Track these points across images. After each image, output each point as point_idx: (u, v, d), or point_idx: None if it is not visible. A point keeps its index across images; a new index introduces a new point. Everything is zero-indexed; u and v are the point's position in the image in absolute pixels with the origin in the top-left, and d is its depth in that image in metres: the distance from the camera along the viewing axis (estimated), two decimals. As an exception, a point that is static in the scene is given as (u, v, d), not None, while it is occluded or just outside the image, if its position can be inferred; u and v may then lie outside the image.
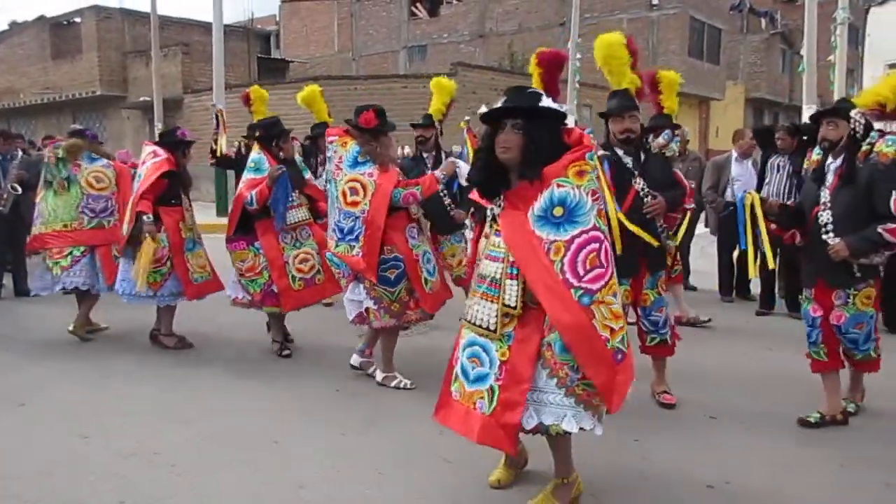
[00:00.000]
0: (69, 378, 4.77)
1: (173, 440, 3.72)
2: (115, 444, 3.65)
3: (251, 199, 4.95)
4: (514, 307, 2.77)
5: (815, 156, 4.03)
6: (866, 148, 3.73)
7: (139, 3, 27.21)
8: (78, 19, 23.82)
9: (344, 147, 4.46)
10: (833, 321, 3.85)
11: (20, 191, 6.93)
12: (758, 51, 30.52)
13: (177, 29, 23.57)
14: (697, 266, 8.02)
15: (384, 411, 4.17)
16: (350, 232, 4.39)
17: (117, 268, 5.50)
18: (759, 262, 6.73)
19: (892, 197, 3.61)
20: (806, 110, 9.36)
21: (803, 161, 6.31)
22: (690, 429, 3.94)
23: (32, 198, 5.99)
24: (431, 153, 6.01)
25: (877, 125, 3.83)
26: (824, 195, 3.83)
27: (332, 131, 4.64)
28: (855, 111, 3.77)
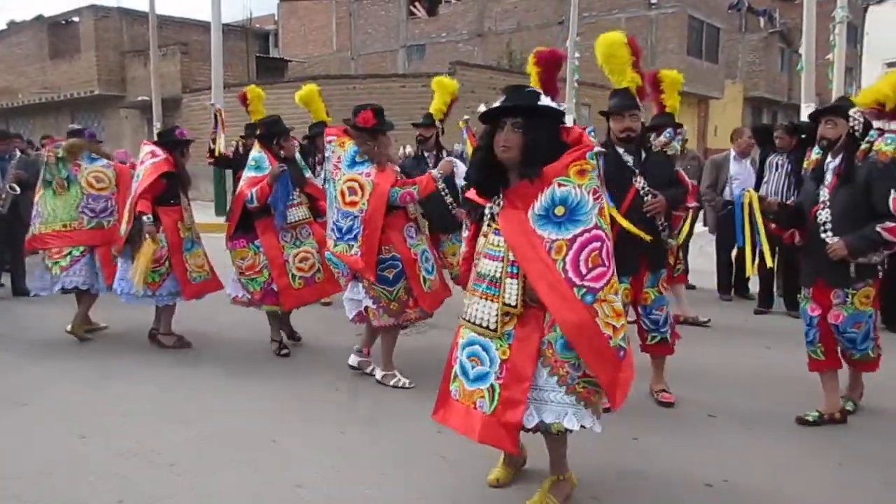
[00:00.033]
0: (69, 378, 4.77)
1: (172, 440, 3.72)
2: (115, 444, 3.66)
3: (252, 196, 4.95)
4: (515, 306, 2.77)
5: (815, 155, 4.02)
6: (865, 146, 3.71)
7: (137, 3, 27.27)
8: (76, 19, 23.76)
9: (342, 147, 4.47)
10: (831, 320, 3.85)
11: (18, 190, 6.93)
12: (756, 49, 30.52)
13: (175, 28, 23.54)
14: (696, 265, 8.02)
15: (383, 410, 4.17)
16: (348, 231, 4.41)
17: (117, 268, 5.50)
18: (757, 260, 6.80)
19: (891, 196, 3.59)
20: (804, 109, 9.35)
21: (802, 160, 6.31)
22: (689, 427, 3.95)
23: (31, 197, 5.98)
24: (433, 152, 6.02)
25: (876, 123, 3.80)
26: (823, 194, 3.82)
27: (330, 131, 4.65)
28: (854, 109, 3.76)
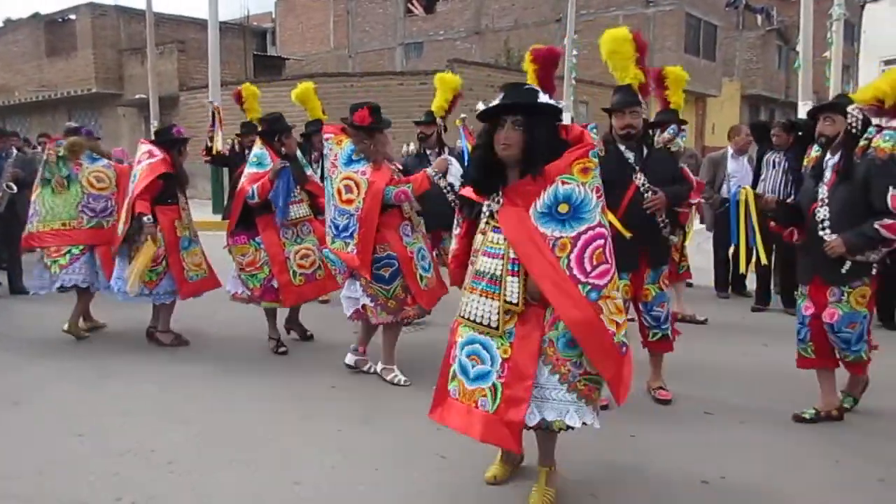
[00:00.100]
0: (66, 377, 4.76)
1: (171, 439, 3.72)
2: (113, 443, 3.65)
3: (253, 193, 4.96)
4: (517, 304, 2.76)
5: (815, 152, 4.01)
6: (864, 143, 3.69)
7: (134, 1, 27.15)
8: (73, 16, 23.68)
9: (339, 145, 4.50)
10: (826, 319, 3.82)
11: (16, 189, 6.91)
12: (754, 47, 30.54)
13: (172, 26, 23.48)
14: (693, 262, 7.96)
15: (381, 408, 4.18)
16: (345, 229, 4.43)
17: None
18: (754, 257, 6.81)
19: (890, 192, 3.58)
20: (802, 107, 9.39)
21: (799, 157, 6.31)
22: (686, 425, 3.95)
23: (28, 196, 5.97)
24: (435, 150, 6.01)
25: (875, 120, 3.77)
26: (822, 191, 3.81)
27: (328, 129, 4.66)
28: (852, 106, 3.74)
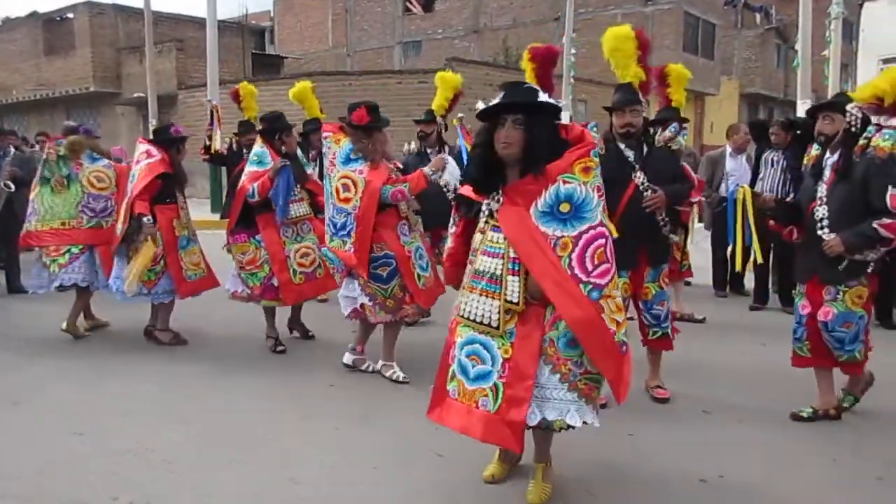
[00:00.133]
0: (65, 377, 4.76)
1: (169, 438, 3.72)
2: (112, 443, 3.65)
3: (253, 191, 4.96)
4: (517, 303, 2.76)
5: (814, 151, 3.99)
6: (863, 142, 3.67)
7: (132, -1, 27.06)
8: (71, 15, 23.66)
9: (337, 143, 4.51)
10: (821, 317, 3.79)
11: (13, 188, 6.89)
12: (752, 46, 30.56)
13: (171, 25, 23.45)
14: (692, 261, 8.01)
15: (379, 407, 4.17)
16: (342, 227, 4.45)
17: None
18: (752, 257, 6.81)
19: (888, 192, 3.56)
20: (800, 105, 9.41)
21: (797, 156, 6.31)
22: (684, 423, 3.96)
23: (26, 194, 5.96)
24: (435, 148, 6.01)
25: (874, 119, 3.74)
26: (821, 190, 3.80)
27: (327, 127, 4.68)
28: (851, 105, 3.72)
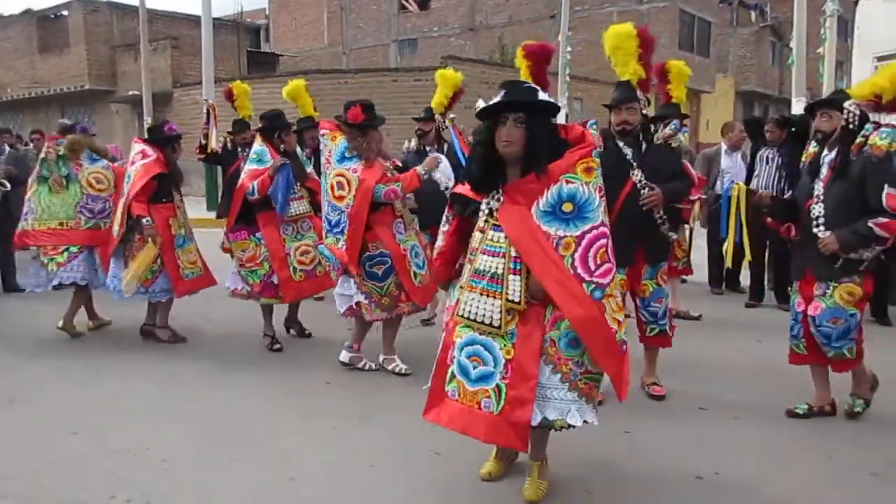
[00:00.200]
0: (64, 376, 4.75)
1: (165, 436, 3.72)
2: (111, 442, 3.65)
3: (253, 189, 4.97)
4: (519, 302, 2.76)
5: (812, 148, 3.98)
6: (860, 140, 3.65)
7: (127, -3, 26.94)
8: (65, 12, 23.58)
9: (334, 141, 4.53)
10: (810, 312, 3.78)
11: (9, 187, 6.86)
12: (748, 43, 30.58)
13: (166, 22, 23.40)
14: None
15: (376, 405, 4.18)
16: (336, 225, 4.47)
17: None
18: (748, 253, 6.83)
19: (885, 191, 3.54)
20: (795, 103, 9.41)
21: (792, 153, 6.33)
22: (680, 420, 3.97)
23: (21, 193, 5.94)
24: (433, 146, 6.01)
25: (872, 117, 3.73)
26: (818, 188, 3.78)
27: (324, 125, 4.68)
28: (849, 102, 3.70)
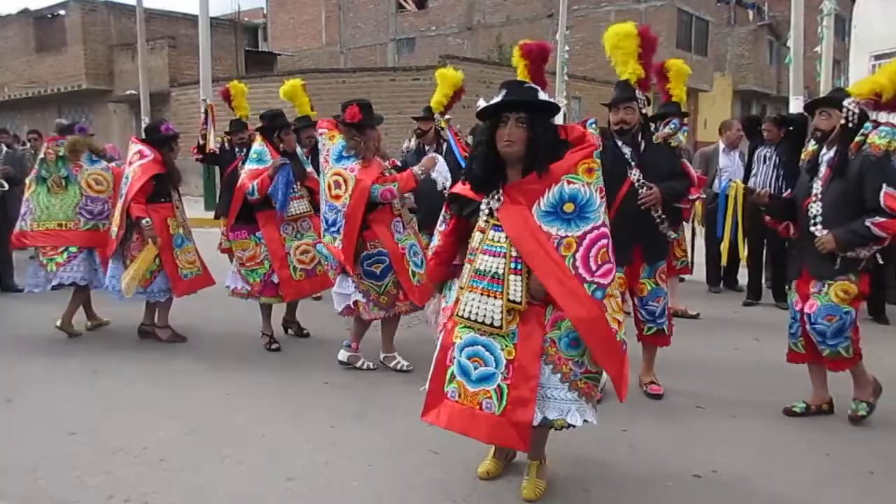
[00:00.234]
0: (57, 375, 4.74)
1: (162, 436, 3.71)
2: (104, 441, 3.64)
3: (252, 189, 4.96)
4: (520, 303, 2.76)
5: (811, 147, 3.97)
6: (859, 139, 3.64)
7: (124, -4, 26.91)
8: (62, 12, 23.54)
9: (332, 140, 4.54)
10: (806, 310, 3.78)
11: (6, 186, 6.85)
12: (745, 42, 30.59)
13: (163, 22, 23.37)
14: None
15: (373, 404, 4.18)
16: (333, 224, 4.49)
17: None
18: (746, 251, 6.85)
19: (882, 190, 3.53)
20: (793, 101, 9.41)
21: (789, 152, 6.34)
22: (678, 419, 3.97)
23: (18, 193, 5.92)
24: (432, 146, 6.01)
25: (871, 115, 3.71)
26: (816, 187, 3.77)
27: (322, 123, 4.69)
28: (849, 100, 3.68)
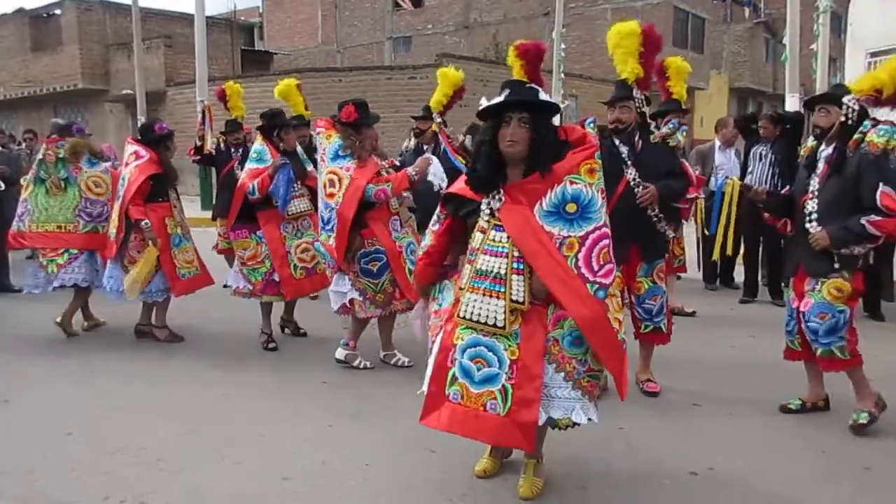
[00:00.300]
0: (54, 374, 4.74)
1: (159, 435, 3.71)
2: (102, 441, 3.64)
3: (253, 188, 4.97)
4: (523, 302, 2.76)
5: (810, 143, 3.97)
6: (858, 137, 3.62)
7: (120, -5, 26.84)
8: (58, 11, 23.45)
9: (328, 139, 4.55)
10: (801, 308, 3.77)
11: (3, 186, 6.83)
12: (741, 40, 30.61)
13: (159, 21, 23.29)
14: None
15: (371, 403, 4.18)
16: (328, 222, 4.51)
17: None
18: (741, 249, 6.86)
19: (879, 189, 3.52)
20: (789, 99, 9.44)
21: (785, 149, 6.36)
22: (674, 416, 3.98)
23: (13, 193, 5.91)
24: (431, 145, 6.01)
25: (871, 113, 3.69)
26: (813, 184, 3.76)
27: (320, 122, 4.69)
28: (849, 97, 3.65)
